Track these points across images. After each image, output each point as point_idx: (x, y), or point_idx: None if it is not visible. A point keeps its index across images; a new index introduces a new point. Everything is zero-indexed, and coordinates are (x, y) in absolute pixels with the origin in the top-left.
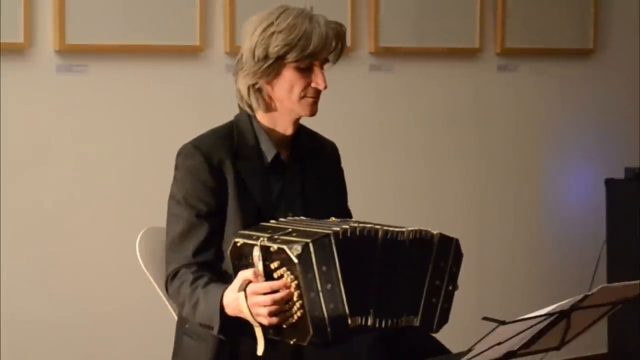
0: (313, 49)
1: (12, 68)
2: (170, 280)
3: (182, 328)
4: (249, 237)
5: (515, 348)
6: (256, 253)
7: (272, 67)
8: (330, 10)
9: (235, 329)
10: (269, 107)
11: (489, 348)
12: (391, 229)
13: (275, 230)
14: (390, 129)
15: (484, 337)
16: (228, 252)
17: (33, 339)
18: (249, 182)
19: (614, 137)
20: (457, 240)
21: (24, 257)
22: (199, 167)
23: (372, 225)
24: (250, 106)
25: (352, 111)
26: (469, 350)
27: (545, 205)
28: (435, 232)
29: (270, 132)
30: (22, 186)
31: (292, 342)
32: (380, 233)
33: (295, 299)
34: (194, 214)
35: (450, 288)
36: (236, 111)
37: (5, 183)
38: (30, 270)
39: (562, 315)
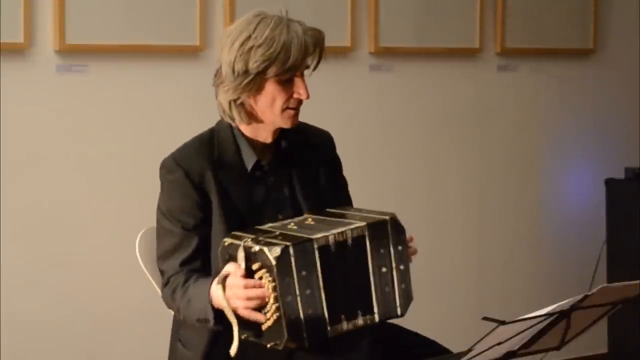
0: (293, 62)
1: (12, 68)
2: (163, 289)
3: (176, 334)
4: (238, 237)
5: (515, 348)
6: (240, 253)
7: (254, 81)
8: (330, 10)
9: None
10: (251, 120)
11: (489, 348)
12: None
13: (264, 233)
14: (390, 129)
15: (484, 337)
16: (218, 252)
17: (33, 339)
18: (231, 190)
19: (614, 137)
20: (391, 219)
21: (24, 257)
22: (180, 181)
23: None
24: (232, 118)
25: (352, 111)
26: (469, 350)
27: (545, 205)
28: (362, 224)
29: (250, 140)
30: (21, 186)
31: (269, 346)
32: (330, 238)
33: (272, 301)
34: (181, 228)
35: (402, 267)
36: None
37: (5, 183)
38: (30, 270)
39: (562, 315)
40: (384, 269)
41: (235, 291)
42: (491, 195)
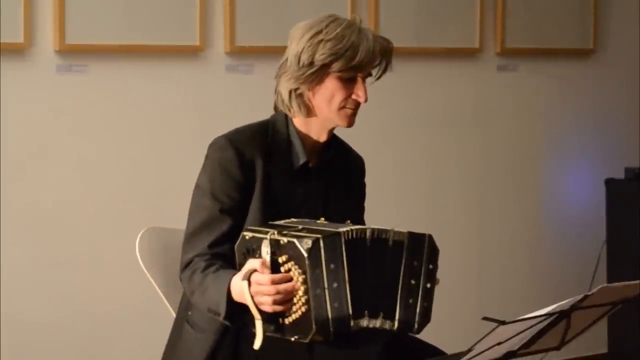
0: (359, 61)
1: (12, 68)
2: (182, 269)
3: (185, 316)
4: (258, 232)
5: (515, 348)
6: (265, 246)
7: (316, 74)
8: (330, 10)
9: (242, 317)
10: (309, 113)
11: (489, 348)
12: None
13: (284, 227)
14: (390, 129)
15: (484, 337)
16: (235, 246)
17: (33, 339)
18: (275, 184)
19: (614, 137)
20: (429, 236)
21: (24, 257)
22: (229, 161)
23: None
24: (289, 109)
25: None
26: (469, 350)
27: (545, 205)
28: (404, 231)
29: (303, 138)
30: (22, 186)
31: (293, 339)
32: (368, 233)
33: (300, 293)
34: (217, 208)
35: (429, 286)
36: (236, 112)
37: (5, 183)
38: (30, 270)
39: (562, 315)
40: (412, 281)
41: (262, 288)
42: (491, 195)
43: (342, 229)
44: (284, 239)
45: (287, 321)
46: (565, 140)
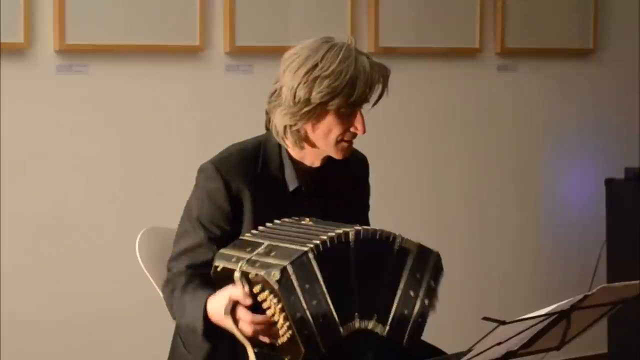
0: (357, 97)
1: (12, 68)
2: (164, 285)
3: (178, 330)
4: (229, 259)
5: (515, 348)
6: (237, 277)
7: (314, 111)
8: (330, 10)
9: (220, 334)
10: (304, 145)
11: (489, 348)
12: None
13: (253, 246)
14: (390, 129)
15: (484, 337)
16: (211, 273)
17: (33, 339)
18: (266, 209)
19: (614, 137)
20: (437, 254)
21: (24, 257)
22: (218, 192)
23: (347, 229)
24: (284, 141)
25: None
26: (469, 350)
27: (545, 205)
28: (414, 241)
29: (296, 164)
30: (22, 186)
31: (287, 359)
32: (351, 235)
33: (282, 320)
34: (205, 236)
35: (426, 302)
36: (236, 112)
37: (5, 183)
38: (30, 270)
39: (562, 315)
40: (411, 293)
41: (241, 325)
42: (491, 195)
43: (315, 241)
44: (253, 272)
45: (277, 344)
46: (565, 140)
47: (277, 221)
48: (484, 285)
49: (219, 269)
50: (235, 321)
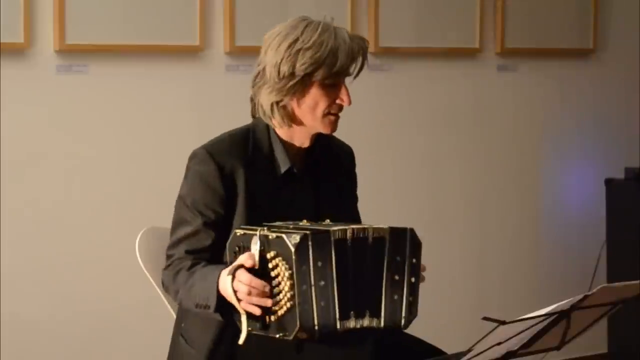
0: (340, 67)
1: (12, 68)
2: (164, 270)
3: (179, 328)
4: (250, 229)
5: (515, 348)
6: (254, 242)
7: (299, 84)
8: (330, 10)
9: (231, 311)
10: (291, 123)
11: (489, 348)
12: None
13: (277, 227)
14: (390, 129)
15: (484, 337)
16: (228, 243)
17: (33, 339)
18: (259, 192)
19: (614, 137)
20: (411, 230)
21: (24, 257)
22: (210, 174)
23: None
24: (271, 120)
25: (351, 111)
26: (469, 350)
27: (545, 205)
28: (385, 227)
29: (286, 144)
30: (21, 186)
31: (277, 337)
32: (348, 233)
33: (286, 289)
34: (201, 221)
35: (413, 280)
36: (236, 112)
37: (5, 183)
38: (30, 270)
39: (562, 315)
40: (396, 277)
41: (238, 285)
42: (491, 196)
43: (331, 228)
44: (273, 235)
45: (272, 318)
46: (565, 140)
47: (299, 222)
48: (484, 285)
49: (238, 234)
50: (234, 282)
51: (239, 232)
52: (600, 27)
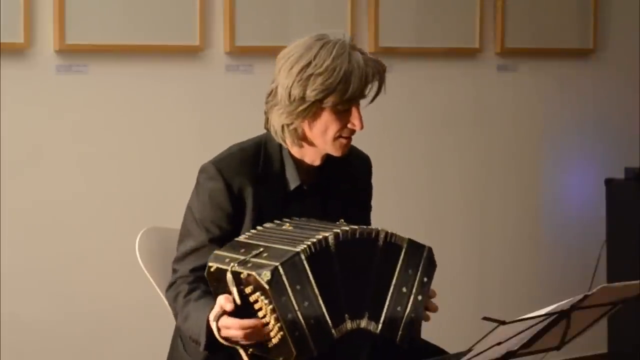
0: (352, 93)
1: (12, 68)
2: (167, 289)
3: (178, 330)
4: (222, 260)
5: (515, 348)
6: (229, 277)
7: (309, 109)
8: (330, 10)
9: (222, 346)
10: (302, 143)
11: (489, 348)
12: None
13: (247, 248)
14: (390, 130)
15: (484, 337)
16: (205, 275)
17: (33, 339)
18: (267, 208)
19: (614, 137)
20: (429, 249)
21: (24, 257)
22: (219, 192)
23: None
24: (283, 141)
25: None
26: (469, 350)
27: (545, 205)
28: (404, 237)
29: (297, 161)
30: (21, 186)
31: None
32: (330, 239)
33: (273, 322)
34: (207, 237)
35: (420, 298)
36: (236, 112)
37: (5, 183)
38: (30, 270)
39: (562, 315)
40: (404, 289)
41: (229, 332)
42: (491, 195)
43: (307, 243)
44: (244, 272)
45: (269, 345)
46: (565, 140)
47: (268, 224)
48: (484, 285)
49: (212, 269)
50: (219, 329)
51: (212, 266)
52: (600, 27)
